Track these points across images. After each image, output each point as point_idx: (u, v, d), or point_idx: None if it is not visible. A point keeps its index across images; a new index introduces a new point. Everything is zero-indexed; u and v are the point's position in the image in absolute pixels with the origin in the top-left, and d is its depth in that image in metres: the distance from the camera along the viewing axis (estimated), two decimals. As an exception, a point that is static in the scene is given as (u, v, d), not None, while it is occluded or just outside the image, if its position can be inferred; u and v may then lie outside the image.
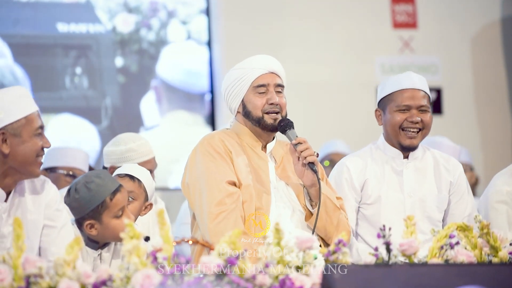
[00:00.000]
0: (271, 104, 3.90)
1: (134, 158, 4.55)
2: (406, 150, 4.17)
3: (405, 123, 4.09)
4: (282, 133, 3.91)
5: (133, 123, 7.54)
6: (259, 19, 7.82)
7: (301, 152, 3.81)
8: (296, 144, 3.83)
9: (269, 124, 3.91)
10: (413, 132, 4.10)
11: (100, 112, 7.49)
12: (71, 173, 5.28)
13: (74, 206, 3.70)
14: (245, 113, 3.93)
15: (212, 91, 7.74)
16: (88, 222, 3.70)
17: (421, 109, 4.09)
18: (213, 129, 7.65)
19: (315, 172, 3.80)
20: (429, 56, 8.15)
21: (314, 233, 3.80)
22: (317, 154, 3.84)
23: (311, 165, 3.80)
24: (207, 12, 7.79)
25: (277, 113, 3.91)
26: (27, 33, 7.34)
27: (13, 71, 7.28)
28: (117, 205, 3.70)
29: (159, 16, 7.68)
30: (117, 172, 4.08)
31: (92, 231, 3.70)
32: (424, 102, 4.10)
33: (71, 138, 7.25)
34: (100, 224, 3.69)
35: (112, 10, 7.58)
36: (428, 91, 4.15)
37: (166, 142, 7.53)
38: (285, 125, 3.90)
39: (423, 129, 4.11)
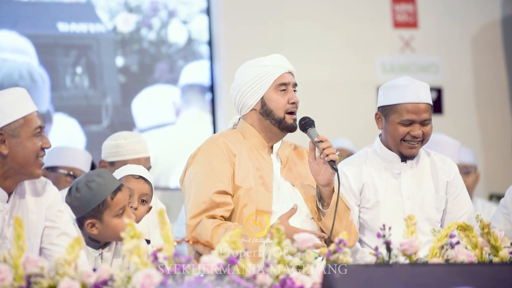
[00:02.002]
0: (293, 103, 3.93)
1: (122, 155, 4.59)
2: (406, 159, 4.18)
3: (407, 136, 4.09)
4: (303, 131, 3.92)
5: (134, 123, 7.54)
6: (260, 19, 7.82)
7: (323, 149, 3.81)
8: (318, 142, 3.84)
9: (289, 124, 3.92)
10: (414, 143, 4.11)
11: (100, 111, 7.49)
12: (71, 173, 5.29)
13: (75, 205, 3.70)
14: (265, 111, 3.92)
15: (212, 91, 7.73)
16: (89, 221, 3.70)
17: (423, 123, 4.09)
18: (214, 128, 7.65)
19: (336, 170, 3.80)
20: (430, 55, 8.15)
21: (332, 233, 3.79)
22: (339, 154, 3.84)
23: (332, 163, 3.80)
24: (208, 12, 7.79)
25: (295, 113, 3.95)
26: (27, 33, 7.34)
27: (30, 70, 7.30)
28: (118, 204, 3.70)
29: (160, 16, 7.68)
30: (128, 172, 4.07)
31: (93, 230, 3.71)
32: (427, 115, 4.09)
33: (59, 138, 7.23)
34: (101, 223, 3.69)
35: (112, 10, 7.58)
36: (430, 101, 4.13)
37: (166, 141, 7.53)
38: (306, 123, 3.91)
39: (423, 140, 4.13)
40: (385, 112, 4.14)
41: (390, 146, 4.17)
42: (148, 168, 4.62)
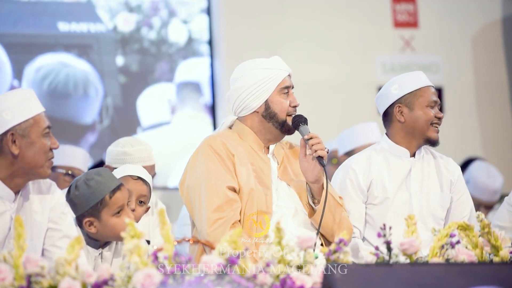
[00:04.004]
0: (294, 106, 3.96)
1: (128, 162, 4.52)
2: (432, 144, 4.22)
3: (434, 118, 4.18)
4: (295, 129, 3.93)
5: (134, 122, 7.54)
6: (260, 19, 7.81)
7: (312, 145, 3.82)
8: (308, 139, 3.85)
9: (291, 127, 3.95)
10: (438, 126, 4.20)
11: (101, 111, 7.49)
12: (70, 172, 5.28)
13: (74, 203, 3.71)
14: (268, 114, 3.93)
15: (213, 91, 7.73)
16: (87, 219, 3.70)
17: (439, 106, 4.21)
18: (214, 128, 7.64)
19: (323, 166, 3.81)
20: (430, 55, 8.14)
21: (319, 229, 3.80)
22: (328, 150, 3.86)
23: (320, 159, 3.82)
24: (208, 11, 7.79)
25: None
26: (28, 33, 7.34)
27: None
28: (116, 203, 3.71)
29: (160, 15, 7.68)
30: (126, 172, 4.06)
31: (91, 228, 3.71)
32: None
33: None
34: (99, 221, 3.70)
35: (113, 9, 7.58)
36: None
37: (166, 141, 7.53)
38: (299, 121, 3.92)
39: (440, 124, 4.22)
40: (407, 100, 4.18)
41: (416, 135, 4.19)
42: (153, 176, 4.59)
